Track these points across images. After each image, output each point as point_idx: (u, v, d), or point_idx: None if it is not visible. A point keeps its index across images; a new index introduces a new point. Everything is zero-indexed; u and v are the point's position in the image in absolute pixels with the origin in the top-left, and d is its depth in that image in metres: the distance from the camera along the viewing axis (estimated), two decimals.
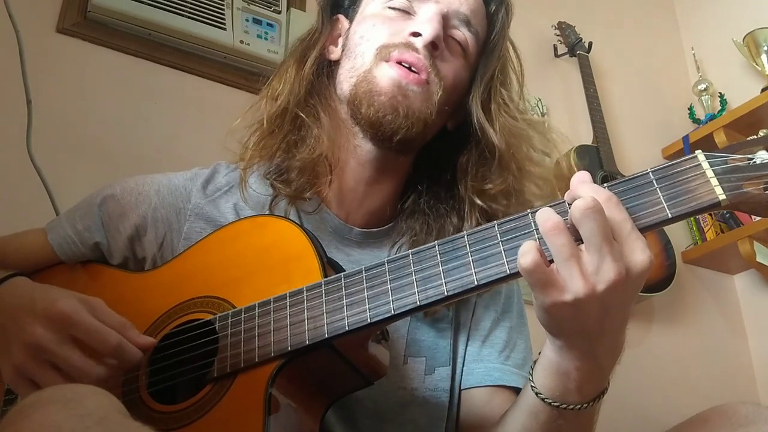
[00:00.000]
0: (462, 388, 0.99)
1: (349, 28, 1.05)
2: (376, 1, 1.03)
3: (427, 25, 0.96)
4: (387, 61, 0.95)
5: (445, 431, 0.98)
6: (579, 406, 0.74)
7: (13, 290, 0.87)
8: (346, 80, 1.00)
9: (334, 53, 1.06)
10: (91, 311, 0.79)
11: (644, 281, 0.67)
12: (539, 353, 0.77)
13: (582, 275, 0.64)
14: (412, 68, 0.94)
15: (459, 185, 1.01)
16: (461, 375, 1.00)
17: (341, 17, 1.08)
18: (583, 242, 0.65)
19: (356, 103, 0.96)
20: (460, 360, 1.01)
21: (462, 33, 1.01)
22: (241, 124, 1.05)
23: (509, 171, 0.99)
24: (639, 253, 0.65)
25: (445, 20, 0.99)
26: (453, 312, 1.01)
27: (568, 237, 0.65)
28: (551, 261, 0.66)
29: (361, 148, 0.99)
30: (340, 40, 1.06)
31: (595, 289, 0.64)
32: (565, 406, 0.74)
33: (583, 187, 0.68)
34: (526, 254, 0.65)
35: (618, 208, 0.66)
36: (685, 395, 2.16)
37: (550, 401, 0.74)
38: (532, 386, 0.76)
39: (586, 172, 0.71)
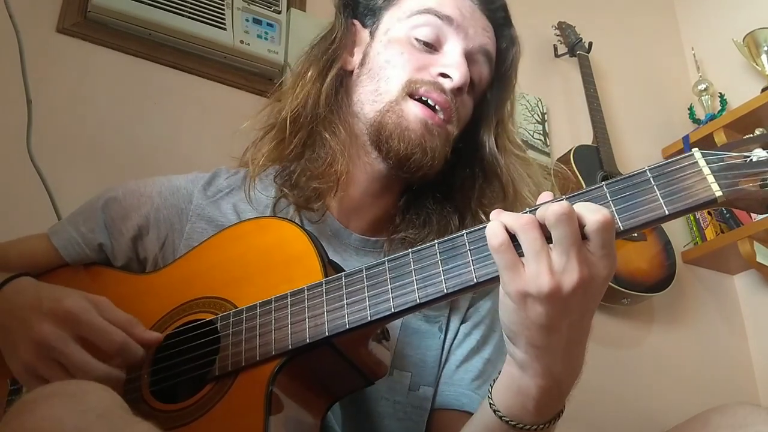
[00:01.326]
0: (432, 407, 0.99)
1: (370, 43, 1.05)
2: (403, 25, 1.03)
3: (456, 70, 0.98)
4: (413, 96, 0.98)
5: None
6: (536, 427, 0.75)
7: (19, 290, 0.87)
8: (368, 102, 1.01)
9: (351, 64, 1.06)
10: (98, 309, 0.80)
11: (605, 289, 0.69)
12: (499, 372, 0.78)
13: (549, 272, 0.65)
14: (437, 107, 0.98)
15: (463, 199, 1.04)
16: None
17: (358, 24, 1.09)
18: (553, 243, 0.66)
19: (385, 134, 0.98)
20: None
21: (481, 70, 1.04)
22: (250, 126, 1.06)
23: (510, 199, 1.04)
24: (602, 262, 0.66)
25: (468, 56, 1.01)
26: (444, 334, 1.02)
27: (541, 233, 0.66)
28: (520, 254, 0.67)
29: (372, 166, 1.01)
30: (358, 50, 1.07)
31: (560, 287, 0.65)
32: (522, 425, 0.75)
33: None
34: (497, 235, 0.67)
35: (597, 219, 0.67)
36: (685, 395, 2.16)
37: (508, 419, 0.75)
38: (490, 403, 0.77)
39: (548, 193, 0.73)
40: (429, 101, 0.98)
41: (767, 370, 2.41)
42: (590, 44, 2.52)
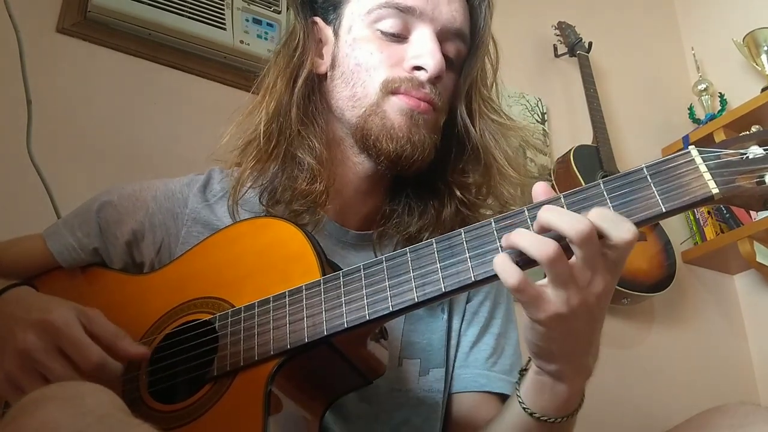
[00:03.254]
0: (450, 392, 1.01)
1: (336, 44, 1.01)
2: (364, 21, 0.98)
3: (429, 59, 0.93)
4: (394, 94, 0.94)
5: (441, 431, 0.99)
6: (567, 417, 0.78)
7: (14, 299, 0.87)
8: (348, 108, 0.97)
9: (321, 66, 1.01)
10: (86, 322, 0.79)
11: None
12: (524, 369, 0.80)
13: (578, 290, 0.67)
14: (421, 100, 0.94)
15: (442, 174, 1.01)
16: (451, 378, 1.01)
17: (320, 22, 1.03)
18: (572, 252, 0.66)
19: (371, 138, 0.94)
20: (451, 362, 1.02)
21: (457, 46, 1.00)
22: (234, 133, 1.03)
23: (488, 168, 1.00)
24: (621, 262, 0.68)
25: (440, 37, 0.97)
26: (447, 314, 1.02)
27: (566, 261, 0.66)
28: (519, 262, 0.67)
29: (362, 166, 0.99)
30: (326, 51, 1.02)
31: (588, 301, 0.67)
32: (553, 419, 0.77)
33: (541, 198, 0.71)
34: (511, 275, 0.66)
35: (604, 210, 0.67)
36: (685, 395, 2.16)
37: (544, 418, 0.77)
38: (521, 403, 0.78)
39: (544, 183, 0.73)
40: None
41: (767, 370, 2.40)
42: (590, 44, 2.52)
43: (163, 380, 0.84)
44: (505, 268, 0.67)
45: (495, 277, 0.69)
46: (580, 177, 2.18)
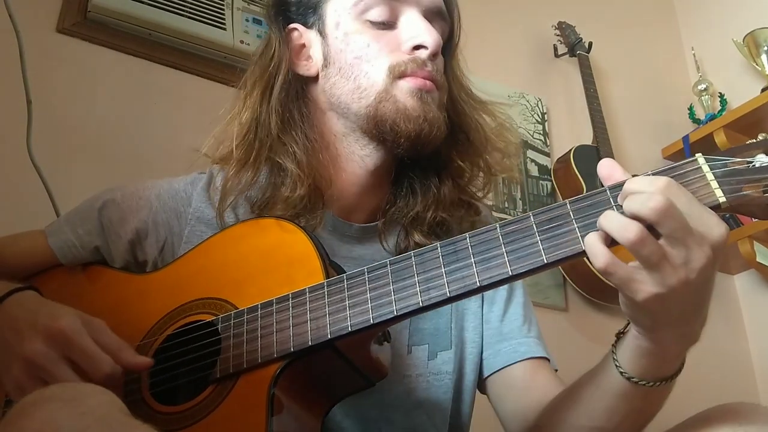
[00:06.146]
0: (493, 371, 1.01)
1: (325, 42, 1.00)
2: (351, 14, 0.98)
3: (427, 36, 0.95)
4: (401, 77, 0.95)
5: (452, 412, 0.99)
6: (668, 381, 0.76)
7: (21, 304, 0.87)
8: (354, 101, 0.96)
9: (311, 68, 1.02)
10: (92, 332, 0.79)
11: (725, 248, 0.67)
12: (621, 332, 0.77)
13: (673, 269, 0.64)
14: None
15: (435, 153, 1.02)
16: (481, 359, 1.02)
17: (299, 27, 1.03)
18: (660, 235, 0.64)
19: (388, 123, 0.94)
20: (470, 345, 1.02)
21: (439, 26, 1.01)
22: (211, 144, 1.04)
23: (474, 140, 1.04)
24: (716, 228, 0.65)
25: (426, 18, 0.99)
26: None
27: (653, 242, 0.63)
28: (612, 242, 0.65)
29: (369, 158, 0.99)
30: (314, 53, 1.02)
31: (689, 279, 0.64)
32: (656, 383, 0.75)
33: (638, 181, 0.66)
34: (598, 256, 0.64)
35: (680, 190, 0.65)
36: (685, 395, 2.14)
37: (643, 383, 0.75)
38: (621, 372, 0.76)
39: (610, 159, 0.71)
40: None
41: (767, 370, 2.41)
42: (590, 44, 2.52)
43: (165, 381, 0.83)
44: (593, 249, 0.65)
45: (499, 282, 0.69)
46: (580, 177, 2.18)
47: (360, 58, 0.97)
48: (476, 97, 1.07)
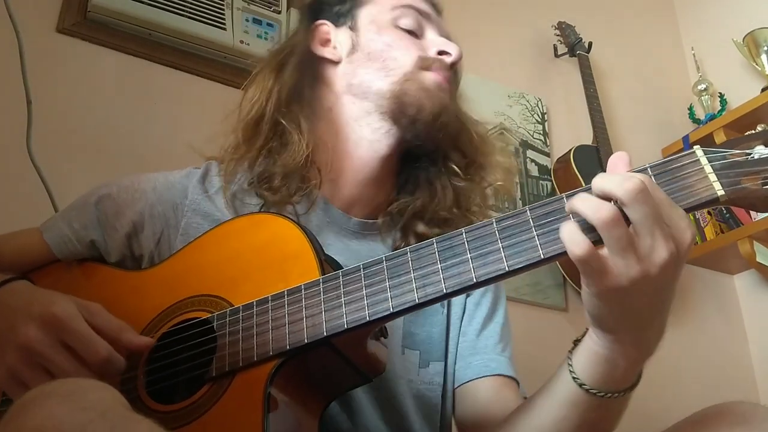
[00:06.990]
0: (461, 382, 1.02)
1: (356, 33, 1.08)
2: (385, 17, 1.07)
3: (453, 47, 1.06)
4: (427, 70, 1.04)
5: (440, 427, 0.99)
6: (622, 393, 0.75)
7: (13, 293, 0.87)
8: (378, 79, 1.03)
9: (332, 53, 1.09)
10: (89, 316, 0.79)
11: (688, 255, 0.66)
12: (577, 339, 0.76)
13: (638, 259, 0.63)
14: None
15: (432, 150, 1.08)
16: (453, 372, 1.02)
17: (327, 23, 1.11)
18: (630, 223, 0.63)
19: (410, 100, 1.01)
20: (451, 357, 1.03)
21: None
22: (221, 130, 1.07)
23: (466, 138, 1.11)
24: (686, 230, 0.64)
25: None
26: (446, 309, 1.04)
27: (625, 226, 0.63)
28: (595, 242, 0.64)
29: (379, 143, 1.03)
30: (341, 42, 1.09)
31: (650, 273, 0.64)
32: (609, 395, 0.74)
33: (618, 170, 0.67)
34: (578, 243, 0.63)
35: (657, 187, 0.65)
36: (685, 395, 2.15)
37: (595, 391, 0.74)
38: (574, 378, 0.75)
39: (624, 153, 0.71)
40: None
41: (767, 370, 2.40)
42: (590, 44, 2.52)
43: (160, 380, 0.83)
44: (574, 236, 0.64)
45: (496, 278, 0.69)
46: (580, 177, 2.17)
47: (391, 45, 1.05)
48: (471, 117, 1.15)
